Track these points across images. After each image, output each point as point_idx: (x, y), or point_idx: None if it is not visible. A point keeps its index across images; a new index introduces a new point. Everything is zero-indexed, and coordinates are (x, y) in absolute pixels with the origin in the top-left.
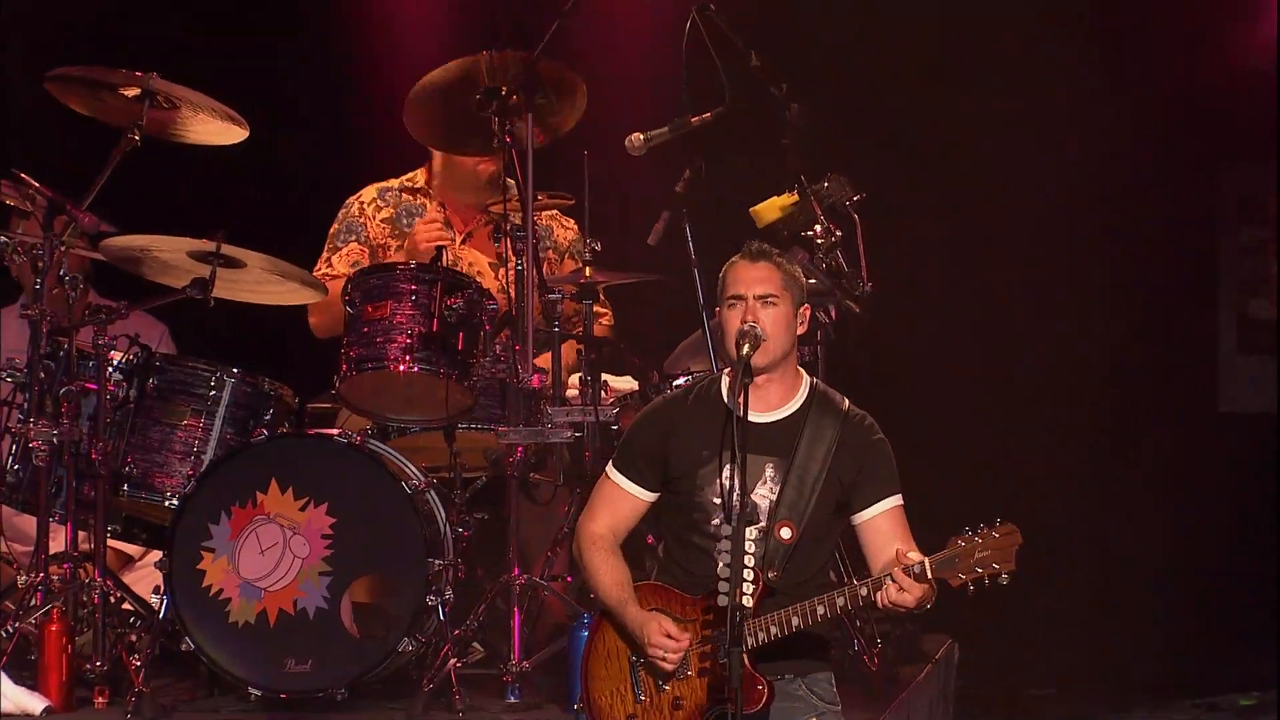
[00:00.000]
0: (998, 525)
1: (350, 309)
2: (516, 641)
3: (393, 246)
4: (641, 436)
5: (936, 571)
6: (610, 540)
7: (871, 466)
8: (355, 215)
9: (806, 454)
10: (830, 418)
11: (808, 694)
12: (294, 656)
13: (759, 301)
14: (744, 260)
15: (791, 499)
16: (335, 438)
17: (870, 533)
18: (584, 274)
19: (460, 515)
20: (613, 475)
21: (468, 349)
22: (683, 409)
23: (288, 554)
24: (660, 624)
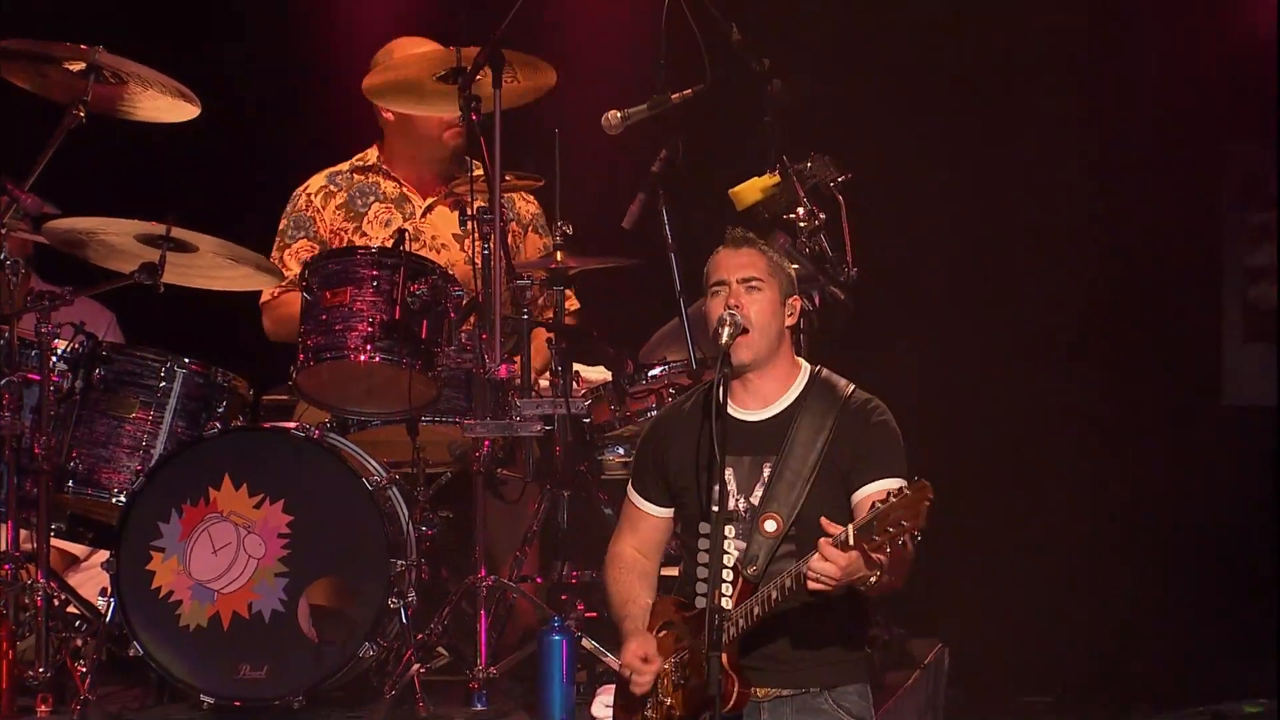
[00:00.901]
0: (912, 483)
1: (308, 295)
2: (483, 646)
3: (349, 231)
4: (644, 453)
5: (858, 538)
6: (629, 558)
7: (868, 447)
8: (303, 209)
9: (799, 444)
10: (828, 406)
11: (834, 708)
12: (248, 662)
13: (743, 286)
14: (727, 247)
15: (780, 492)
16: (292, 431)
17: (858, 514)
18: (554, 259)
19: (424, 513)
20: (630, 493)
21: (432, 337)
22: (680, 417)
23: (242, 554)
24: (639, 644)
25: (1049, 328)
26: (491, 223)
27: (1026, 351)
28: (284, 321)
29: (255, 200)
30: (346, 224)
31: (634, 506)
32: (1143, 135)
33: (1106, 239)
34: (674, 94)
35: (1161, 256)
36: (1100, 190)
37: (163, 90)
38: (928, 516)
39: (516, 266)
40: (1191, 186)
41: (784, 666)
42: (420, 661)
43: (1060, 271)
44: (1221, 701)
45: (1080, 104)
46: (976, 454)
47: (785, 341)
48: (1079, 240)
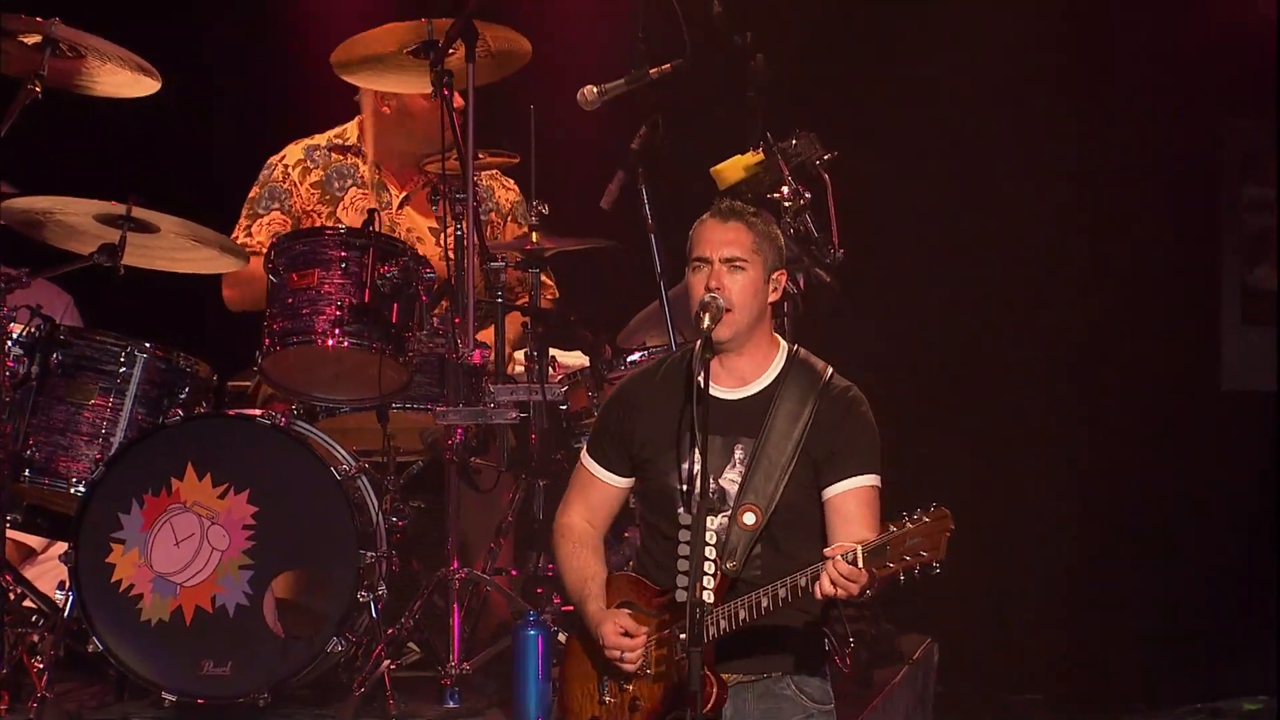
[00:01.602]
0: (930, 510)
1: (274, 278)
2: (456, 641)
3: (322, 214)
4: (608, 419)
5: (867, 561)
6: (580, 531)
7: (846, 441)
8: (279, 180)
9: (777, 431)
10: (807, 390)
11: (797, 693)
12: (212, 658)
13: (725, 266)
14: (713, 219)
15: (758, 482)
16: (257, 419)
17: (832, 512)
18: (530, 240)
19: (394, 503)
20: (585, 461)
21: (403, 321)
22: (649, 386)
23: (205, 546)
24: (616, 623)
25: (1041, 312)
26: (463, 201)
27: (1019, 337)
28: (245, 284)
29: (219, 179)
30: (321, 206)
31: (589, 473)
32: (1138, 111)
33: (1101, 219)
34: (653, 69)
35: (1157, 236)
36: (1094, 169)
37: (122, 64)
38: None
39: (491, 248)
40: (1188, 164)
41: (746, 652)
42: (390, 657)
43: (1054, 254)
44: (1219, 699)
45: (1074, 79)
46: (966, 441)
47: (765, 318)
48: (1073, 221)
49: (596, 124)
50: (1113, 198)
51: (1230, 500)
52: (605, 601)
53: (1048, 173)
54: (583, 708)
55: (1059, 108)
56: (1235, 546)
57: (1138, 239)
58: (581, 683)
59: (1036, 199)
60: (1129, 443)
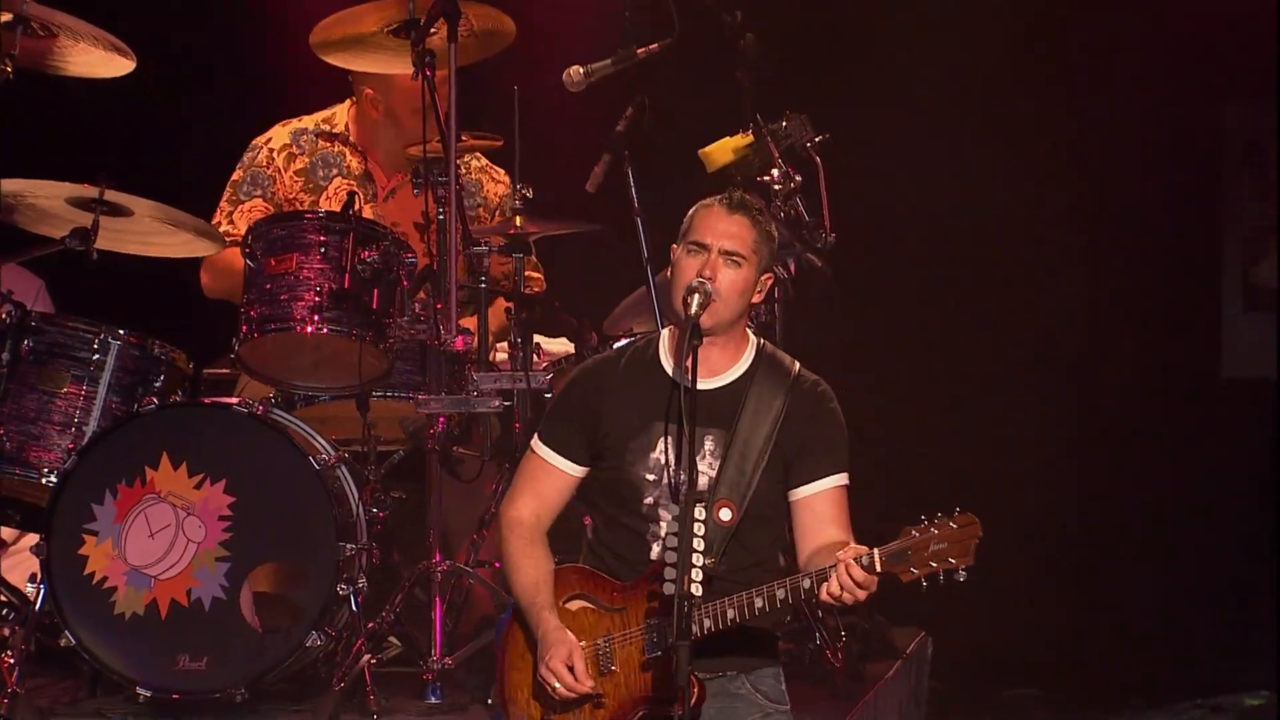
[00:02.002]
0: (955, 515)
1: (251, 263)
2: (438, 635)
3: (305, 203)
4: (569, 403)
5: (886, 565)
6: (531, 527)
7: (817, 438)
8: (263, 165)
9: (750, 425)
10: (777, 384)
11: (752, 692)
12: (188, 653)
13: (723, 258)
14: (720, 207)
15: (732, 477)
16: (234, 407)
17: (804, 512)
18: (514, 224)
19: (375, 494)
20: (538, 448)
21: (383, 307)
22: (615, 372)
23: (181, 538)
24: (570, 652)
25: (1039, 300)
26: (446, 185)
27: (1016, 325)
28: (221, 274)
29: (194, 161)
30: (304, 194)
31: (542, 462)
32: (1138, 97)
33: (1100, 205)
34: (640, 49)
35: (1157, 223)
36: (1093, 154)
37: (95, 43)
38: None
39: (473, 232)
40: (1188, 151)
41: (700, 650)
42: (371, 652)
43: (1052, 241)
44: (1219, 694)
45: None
46: (961, 430)
47: (745, 315)
48: (1071, 208)
49: (582, 105)
50: (1112, 184)
51: (1230, 490)
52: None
53: (1046, 158)
54: (531, 705)
55: (1057, 92)
56: (1236, 537)
57: (1137, 226)
58: (530, 677)
59: (1034, 185)
60: (1128, 432)
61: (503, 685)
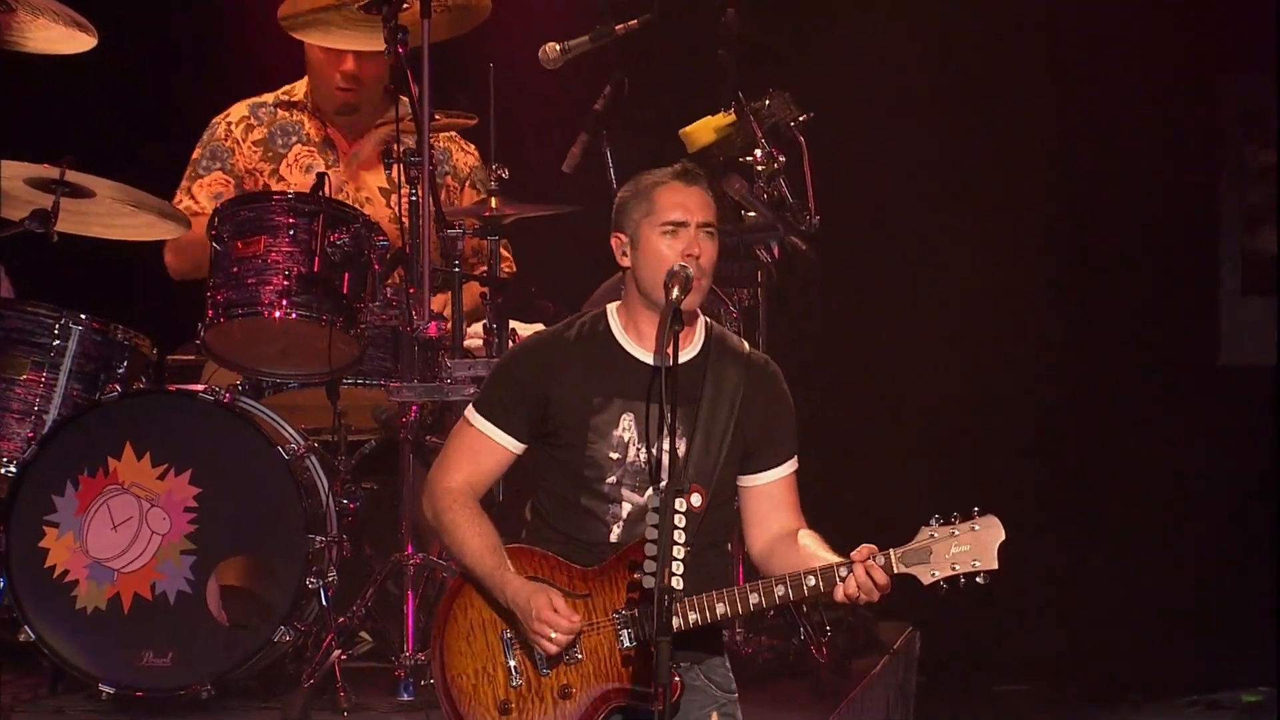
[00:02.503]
0: (976, 516)
1: (218, 245)
2: (410, 630)
3: (265, 173)
4: (516, 377)
5: (905, 566)
6: (471, 496)
7: (777, 423)
8: (221, 138)
9: (711, 404)
10: (732, 363)
11: (706, 683)
12: (152, 648)
13: (701, 231)
14: (680, 181)
15: (699, 458)
16: (200, 395)
17: (760, 499)
18: (489, 205)
19: (345, 485)
20: (476, 421)
21: (354, 292)
22: (564, 348)
23: (144, 529)
24: (550, 597)
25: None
26: (420, 165)
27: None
28: (185, 249)
29: (158, 141)
30: (263, 164)
31: (480, 435)
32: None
33: (1094, 182)
34: (619, 24)
35: (1153, 201)
36: (1088, 129)
37: (55, 19)
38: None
39: (447, 214)
40: (1184, 125)
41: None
42: (341, 647)
43: (1045, 220)
44: (1217, 690)
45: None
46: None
47: None
48: (1065, 185)
49: (559, 83)
50: (1106, 159)
51: (1228, 482)
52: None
53: (1038, 134)
54: (481, 691)
55: (1051, 65)
56: (1234, 530)
57: (1132, 204)
58: (476, 662)
59: (1027, 161)
60: (1122, 420)
61: (444, 674)
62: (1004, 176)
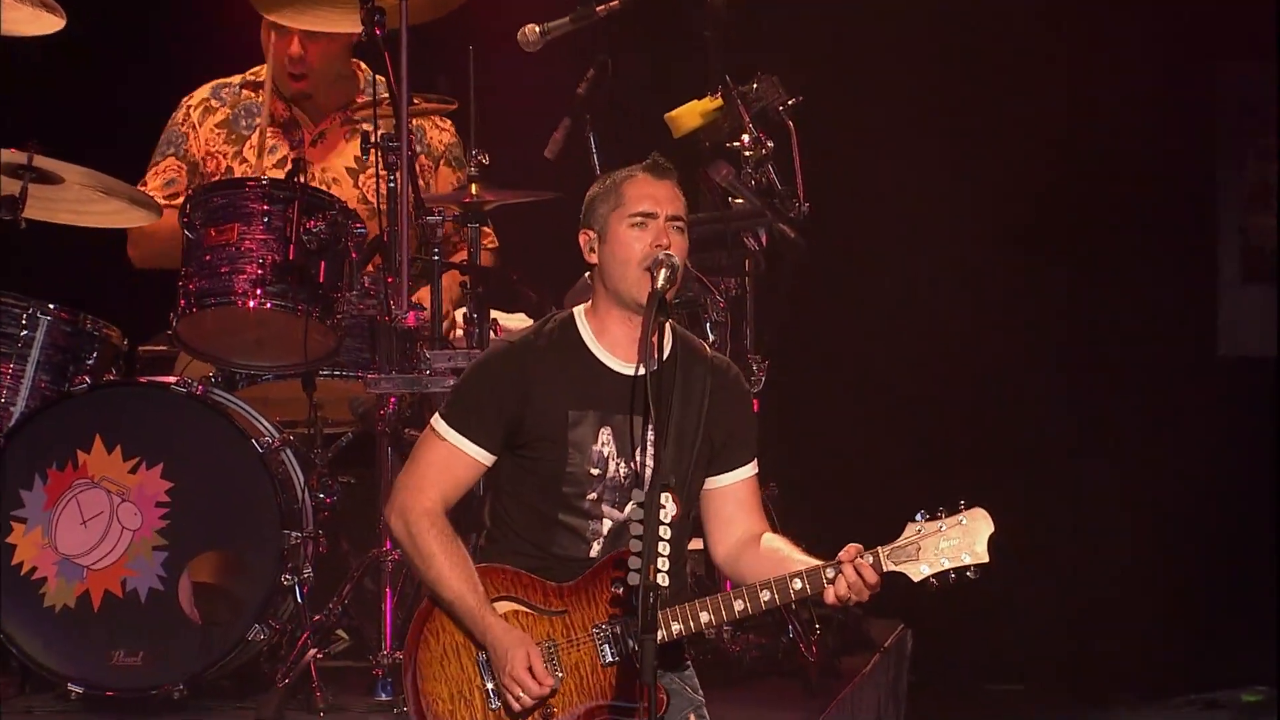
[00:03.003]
0: (963, 509)
1: (189, 233)
2: (388, 628)
3: (228, 155)
4: (489, 388)
5: (894, 564)
6: (446, 520)
7: (740, 425)
8: (179, 123)
9: (681, 410)
10: (697, 365)
11: (682, 687)
12: (122, 647)
13: (670, 224)
14: (648, 174)
15: (670, 464)
16: (172, 387)
17: (725, 501)
18: (469, 192)
19: (322, 479)
20: (447, 434)
21: (330, 281)
22: (537, 355)
23: (115, 525)
24: (529, 656)
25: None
26: (398, 151)
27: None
28: (145, 237)
29: (129, 126)
30: (225, 146)
31: (453, 450)
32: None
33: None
34: (600, 6)
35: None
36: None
37: None
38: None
39: (426, 200)
40: (1182, 112)
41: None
42: (317, 646)
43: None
44: (1215, 689)
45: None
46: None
47: None
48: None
49: (540, 66)
50: (1103, 146)
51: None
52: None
53: (1034, 121)
54: (456, 713)
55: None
56: (1233, 526)
57: (1129, 192)
58: (452, 686)
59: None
60: (1119, 413)
61: (419, 700)
62: (1000, 163)
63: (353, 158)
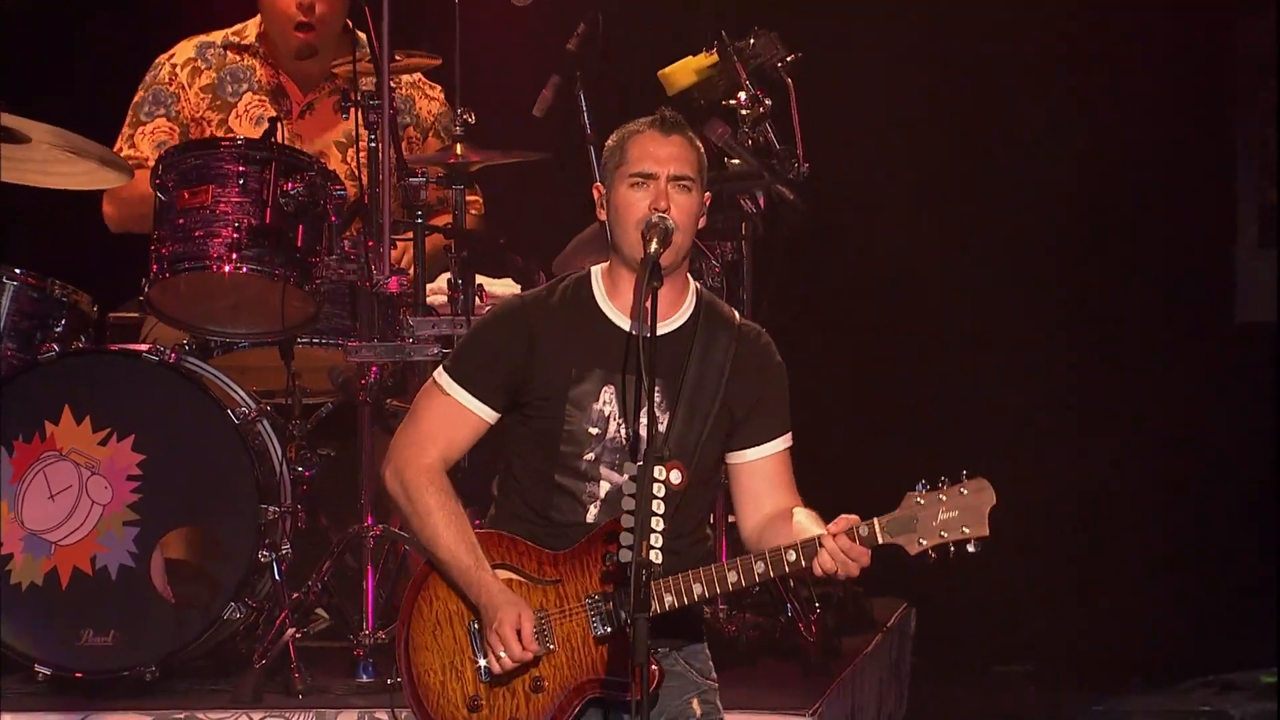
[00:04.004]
0: (964, 480)
1: (162, 196)
2: (370, 607)
3: (213, 122)
4: (496, 343)
5: (890, 536)
6: (445, 478)
7: (769, 396)
8: (165, 81)
9: (697, 376)
10: (721, 331)
11: (687, 668)
12: (92, 626)
13: (674, 184)
14: (655, 131)
15: (680, 433)
16: (144, 355)
17: (752, 477)
18: (454, 152)
19: (300, 451)
20: (450, 389)
21: (309, 245)
22: (546, 313)
23: (84, 499)
24: (520, 617)
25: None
26: (379, 109)
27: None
28: (126, 203)
29: (99, 83)
30: (211, 113)
31: (455, 405)
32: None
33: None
34: None
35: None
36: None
37: None
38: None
39: (409, 161)
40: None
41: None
42: (296, 625)
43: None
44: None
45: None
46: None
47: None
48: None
49: (528, 22)
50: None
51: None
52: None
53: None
54: (449, 688)
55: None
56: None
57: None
58: (443, 657)
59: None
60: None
61: (410, 671)
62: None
63: (342, 133)
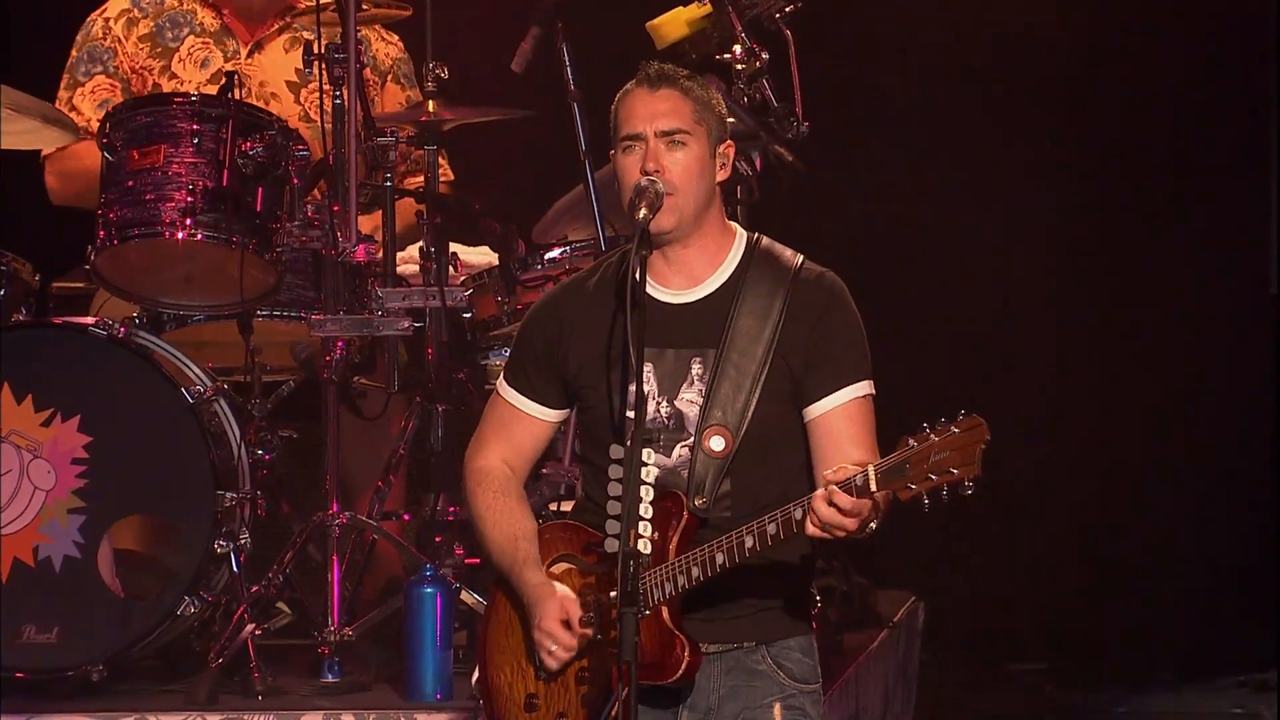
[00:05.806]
0: (959, 419)
1: (110, 155)
2: (335, 601)
3: (154, 70)
4: (532, 338)
5: (883, 482)
6: (503, 477)
7: (828, 341)
8: (99, 36)
9: (744, 337)
10: (773, 282)
11: (774, 669)
12: (34, 623)
13: (663, 141)
14: (641, 87)
15: (726, 397)
16: (90, 329)
17: (820, 433)
18: (425, 110)
19: (260, 433)
20: (505, 392)
21: (269, 210)
22: (580, 298)
23: (25, 485)
24: (560, 604)
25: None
26: (344, 64)
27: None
28: (73, 176)
29: (39, 36)
30: (151, 61)
31: (510, 407)
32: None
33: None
34: None
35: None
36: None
37: None
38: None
39: (376, 120)
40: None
41: (710, 616)
42: (255, 621)
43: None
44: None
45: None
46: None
47: (716, 201)
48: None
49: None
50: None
51: None
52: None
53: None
54: (514, 687)
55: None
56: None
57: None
58: (512, 657)
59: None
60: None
61: (485, 671)
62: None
63: (293, 70)
